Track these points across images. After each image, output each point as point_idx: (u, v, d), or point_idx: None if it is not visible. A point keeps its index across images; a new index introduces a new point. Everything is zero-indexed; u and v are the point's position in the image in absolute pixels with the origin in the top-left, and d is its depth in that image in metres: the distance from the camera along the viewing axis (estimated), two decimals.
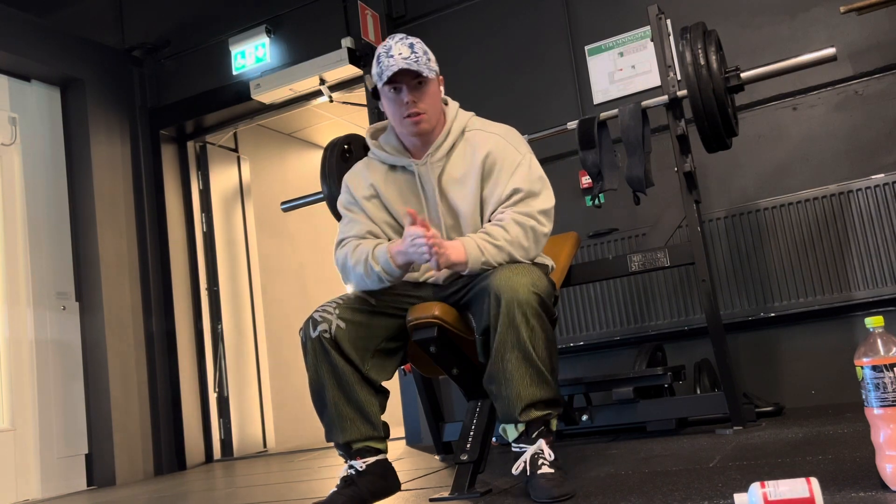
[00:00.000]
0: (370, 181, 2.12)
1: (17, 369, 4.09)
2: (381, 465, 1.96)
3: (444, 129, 2.06)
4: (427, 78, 1.97)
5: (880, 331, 1.38)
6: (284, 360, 5.33)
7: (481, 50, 3.97)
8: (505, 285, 1.81)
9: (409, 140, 2.07)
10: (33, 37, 4.39)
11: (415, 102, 1.97)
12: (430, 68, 1.97)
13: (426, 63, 1.96)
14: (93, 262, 4.43)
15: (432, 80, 2.00)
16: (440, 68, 2.09)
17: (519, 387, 1.79)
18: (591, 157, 2.86)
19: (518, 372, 1.80)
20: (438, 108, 2.05)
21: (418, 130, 2.01)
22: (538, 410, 1.81)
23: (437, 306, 1.99)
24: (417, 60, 1.93)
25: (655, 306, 3.39)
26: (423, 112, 1.99)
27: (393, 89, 1.97)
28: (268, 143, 5.87)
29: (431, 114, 2.01)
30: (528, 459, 1.78)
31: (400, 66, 1.91)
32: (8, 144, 4.30)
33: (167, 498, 3.18)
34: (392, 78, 1.94)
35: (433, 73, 1.98)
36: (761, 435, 2.36)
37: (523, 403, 1.79)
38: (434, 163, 2.05)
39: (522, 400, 1.79)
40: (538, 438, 1.80)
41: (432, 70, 1.98)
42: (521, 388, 1.79)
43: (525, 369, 1.79)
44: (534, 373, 1.80)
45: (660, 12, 2.79)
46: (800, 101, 3.29)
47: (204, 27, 4.86)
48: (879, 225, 3.02)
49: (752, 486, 1.29)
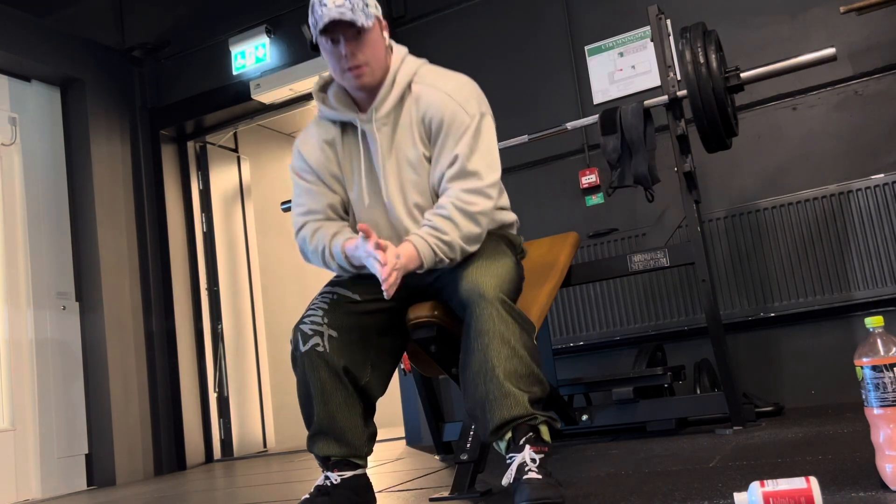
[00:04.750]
0: (323, 142, 2.00)
1: (17, 369, 4.09)
2: (358, 481, 1.90)
3: (388, 81, 1.91)
4: (365, 27, 1.81)
5: (880, 331, 1.38)
6: (284, 360, 5.27)
7: (481, 50, 3.97)
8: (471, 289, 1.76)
9: (357, 94, 1.93)
10: (33, 37, 4.39)
11: (354, 55, 1.83)
12: (368, 14, 1.82)
13: (363, 9, 1.81)
14: (93, 262, 4.44)
15: (372, 28, 1.85)
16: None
17: (488, 410, 1.72)
18: (612, 142, 2.84)
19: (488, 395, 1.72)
20: (382, 58, 1.89)
21: (360, 84, 1.87)
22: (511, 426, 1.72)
23: (436, 306, 1.98)
24: (353, 8, 1.79)
25: (655, 306, 3.39)
26: (365, 64, 1.85)
27: (330, 41, 1.85)
28: (268, 143, 5.87)
29: (375, 65, 1.87)
30: (514, 468, 1.69)
31: (332, 17, 1.78)
32: (8, 144, 4.30)
33: (167, 498, 3.18)
34: (326, 28, 1.82)
35: (371, 19, 1.83)
36: (761, 435, 2.36)
37: (493, 426, 1.72)
38: (379, 119, 1.91)
39: (493, 423, 1.72)
40: (525, 445, 1.70)
41: (370, 16, 1.83)
42: (490, 412, 1.72)
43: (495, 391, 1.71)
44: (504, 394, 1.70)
45: (660, 12, 2.79)
46: (800, 101, 3.29)
47: (204, 27, 4.86)
48: (879, 225, 3.02)
49: (752, 485, 1.29)
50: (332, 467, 1.89)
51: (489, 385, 1.72)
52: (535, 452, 1.69)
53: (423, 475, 2.60)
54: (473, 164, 1.86)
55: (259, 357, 5.19)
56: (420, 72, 1.96)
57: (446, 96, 1.90)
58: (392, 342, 2.03)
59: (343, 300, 1.94)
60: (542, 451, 1.70)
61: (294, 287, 5.75)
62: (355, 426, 1.89)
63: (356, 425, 1.90)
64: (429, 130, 1.91)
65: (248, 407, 5.00)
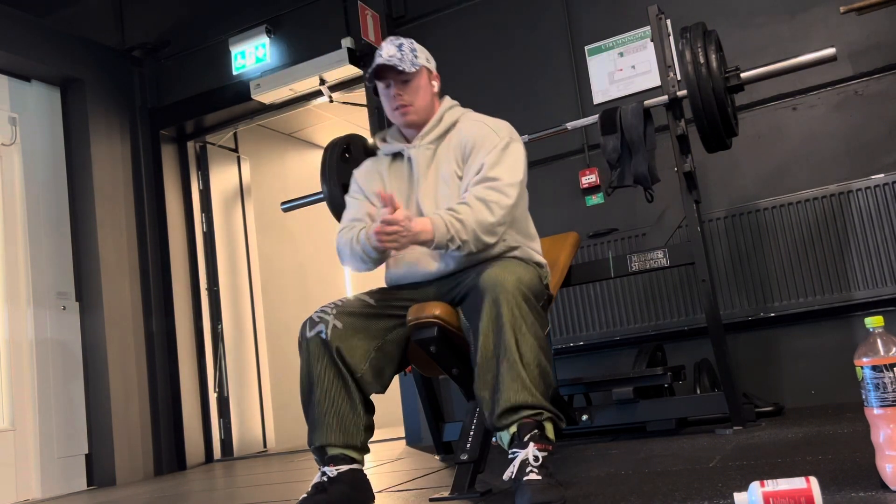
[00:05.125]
0: (376, 171, 2.24)
1: (17, 369, 4.09)
2: (354, 475, 1.93)
3: (434, 119, 2.18)
4: (410, 73, 2.10)
5: (880, 331, 1.38)
6: (284, 360, 5.32)
7: (481, 50, 3.97)
8: (491, 281, 1.82)
9: (407, 131, 2.21)
10: (33, 37, 4.40)
11: (400, 95, 2.12)
12: (414, 63, 2.10)
13: (411, 60, 2.10)
14: (93, 262, 4.43)
15: (418, 75, 2.13)
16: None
17: (499, 391, 1.76)
18: (612, 142, 2.84)
19: (500, 376, 1.76)
20: (428, 101, 2.17)
21: (406, 121, 2.15)
22: (519, 416, 1.75)
23: (437, 306, 1.99)
24: (401, 58, 2.08)
25: (655, 306, 3.39)
26: (409, 104, 2.12)
27: (385, 86, 2.13)
28: (268, 143, 5.87)
29: (419, 105, 2.14)
30: (517, 465, 1.71)
31: (379, 63, 2.08)
32: (8, 144, 4.30)
33: (167, 498, 3.18)
34: (378, 74, 2.11)
35: (415, 67, 2.10)
36: (761, 435, 2.36)
37: (501, 408, 1.75)
38: (422, 145, 2.16)
39: (500, 405, 1.75)
40: (529, 442, 1.73)
41: (417, 65, 2.11)
42: (501, 392, 1.75)
43: (507, 373, 1.76)
44: (515, 376, 1.75)
45: (660, 12, 2.79)
46: (800, 101, 3.29)
47: (204, 27, 4.86)
48: (879, 225, 3.02)
49: (752, 486, 1.30)
50: (328, 462, 1.92)
51: (502, 367, 1.77)
52: (538, 450, 1.71)
53: (423, 475, 2.60)
54: (495, 172, 2.01)
55: (259, 357, 5.19)
56: (465, 115, 2.23)
57: (482, 124, 2.15)
58: (397, 347, 2.06)
59: (358, 301, 2.05)
60: (546, 449, 1.73)
61: (294, 287, 5.76)
62: (353, 413, 1.94)
63: (354, 413, 1.95)
64: (464, 152, 2.11)
65: (248, 407, 5.00)
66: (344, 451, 1.93)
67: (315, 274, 6.05)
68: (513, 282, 1.81)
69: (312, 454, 1.97)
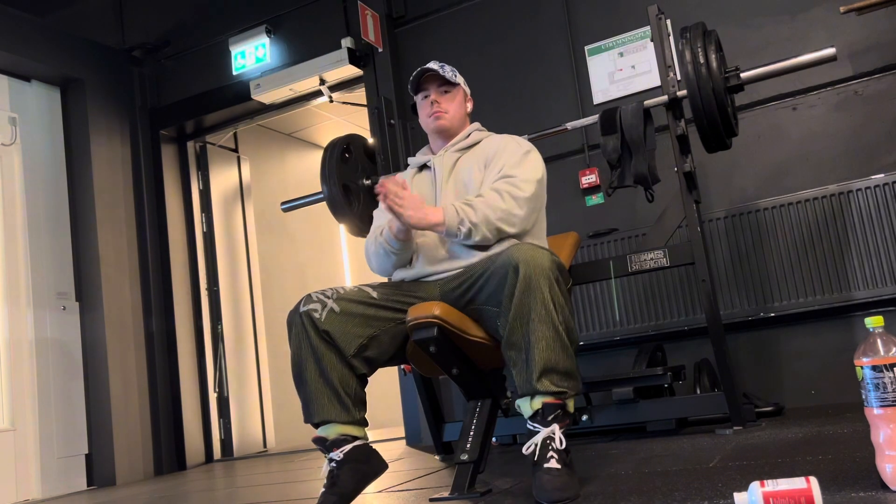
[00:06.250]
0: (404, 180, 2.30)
1: (17, 369, 4.09)
2: (361, 450, 1.91)
3: (463, 133, 2.33)
4: (451, 84, 2.29)
5: (880, 331, 1.38)
6: (284, 360, 5.27)
7: (481, 50, 3.97)
8: (523, 256, 1.82)
9: (436, 143, 2.35)
10: (33, 37, 4.40)
11: (437, 102, 2.27)
12: (455, 77, 2.29)
13: (452, 74, 2.29)
14: (93, 262, 4.44)
15: (456, 90, 2.31)
16: None
17: (538, 350, 1.76)
18: (612, 142, 2.85)
19: (537, 334, 1.77)
20: (461, 115, 2.33)
21: (438, 126, 2.28)
22: (556, 379, 1.78)
23: (437, 306, 1.98)
24: (442, 67, 2.27)
25: (655, 306, 3.39)
26: (445, 111, 2.28)
27: (423, 97, 2.30)
28: (268, 143, 5.87)
29: (453, 114, 2.29)
30: (538, 443, 1.74)
31: (422, 69, 2.26)
32: (8, 144, 4.30)
33: (167, 498, 3.18)
34: (421, 85, 2.29)
35: (456, 79, 2.29)
36: (761, 435, 2.36)
37: (541, 368, 1.76)
38: (446, 155, 2.29)
39: (540, 365, 1.76)
40: (553, 422, 1.75)
41: (455, 79, 2.29)
42: (539, 351, 1.76)
43: (545, 331, 1.77)
44: (554, 336, 1.78)
45: (660, 12, 2.79)
46: (800, 101, 3.29)
47: (204, 27, 4.86)
48: (879, 225, 3.02)
49: (752, 486, 1.30)
50: (330, 447, 1.90)
51: (544, 328, 1.78)
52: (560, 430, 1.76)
53: (423, 475, 2.60)
54: (514, 171, 2.12)
55: (259, 357, 5.19)
56: (490, 135, 2.35)
57: (505, 136, 2.32)
58: (392, 340, 2.05)
59: (359, 291, 2.06)
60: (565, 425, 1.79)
61: (294, 287, 5.75)
62: (347, 385, 1.92)
63: (348, 385, 1.92)
64: (487, 159, 2.23)
65: (248, 407, 5.00)
66: (343, 429, 1.91)
67: (315, 274, 6.05)
68: (546, 255, 1.84)
69: (315, 444, 1.94)
